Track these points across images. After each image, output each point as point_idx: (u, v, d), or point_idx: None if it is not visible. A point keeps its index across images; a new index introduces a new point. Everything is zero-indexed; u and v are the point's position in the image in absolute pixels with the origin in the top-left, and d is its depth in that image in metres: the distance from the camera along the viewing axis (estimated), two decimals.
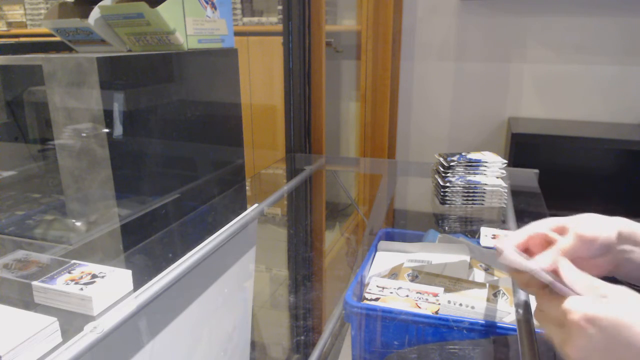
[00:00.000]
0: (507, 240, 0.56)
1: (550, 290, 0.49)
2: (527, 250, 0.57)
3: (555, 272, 0.51)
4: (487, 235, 0.95)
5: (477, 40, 2.25)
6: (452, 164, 1.13)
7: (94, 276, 0.64)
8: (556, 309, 0.47)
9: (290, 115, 1.53)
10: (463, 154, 1.18)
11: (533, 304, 0.66)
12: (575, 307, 0.45)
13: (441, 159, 1.16)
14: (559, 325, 0.47)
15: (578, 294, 0.47)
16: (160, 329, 0.69)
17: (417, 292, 0.78)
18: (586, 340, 0.44)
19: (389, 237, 1.05)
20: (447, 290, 0.78)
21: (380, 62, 2.16)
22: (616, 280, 0.52)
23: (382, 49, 2.14)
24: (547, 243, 0.56)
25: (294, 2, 1.43)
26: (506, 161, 1.15)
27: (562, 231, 0.56)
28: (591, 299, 0.46)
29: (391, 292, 0.79)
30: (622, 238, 0.56)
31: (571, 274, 0.49)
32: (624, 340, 0.43)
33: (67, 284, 0.62)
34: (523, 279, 0.54)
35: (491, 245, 0.92)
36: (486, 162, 1.13)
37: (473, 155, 1.16)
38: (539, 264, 0.51)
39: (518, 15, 2.16)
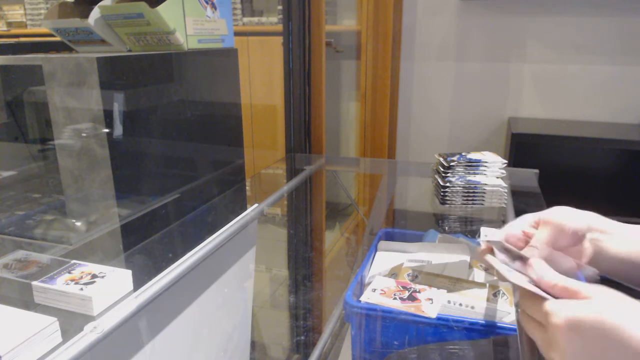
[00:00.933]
0: (493, 242, 0.57)
1: (535, 294, 0.47)
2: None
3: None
4: (487, 235, 0.95)
5: (477, 40, 2.25)
6: (452, 164, 1.13)
7: (94, 276, 0.64)
8: (538, 311, 0.46)
9: (290, 115, 1.53)
10: (463, 154, 1.18)
11: None
12: (557, 310, 0.43)
13: (441, 159, 1.16)
14: (543, 328, 0.45)
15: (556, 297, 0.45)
16: (160, 329, 0.69)
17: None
18: (571, 344, 0.42)
19: (389, 237, 1.05)
20: (447, 290, 0.78)
21: (380, 62, 2.15)
22: (609, 282, 0.51)
23: (382, 49, 2.14)
24: (527, 239, 0.58)
25: (294, 2, 1.43)
26: (506, 161, 1.15)
27: (538, 225, 0.59)
28: (574, 301, 0.44)
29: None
30: (593, 230, 0.58)
31: (547, 274, 0.48)
32: (611, 342, 0.41)
33: (67, 284, 0.62)
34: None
35: None
36: (486, 162, 1.13)
37: (473, 155, 1.16)
38: (515, 275, 0.50)
39: (518, 15, 2.16)
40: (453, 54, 2.30)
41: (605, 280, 0.53)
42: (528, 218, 0.61)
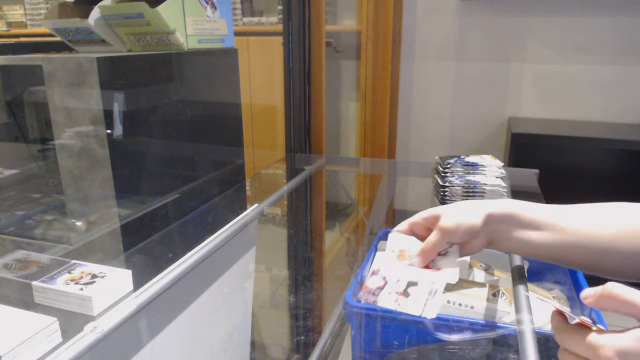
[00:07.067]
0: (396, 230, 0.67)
1: (574, 326, 0.45)
2: (415, 235, 0.67)
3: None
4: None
5: (477, 40, 2.25)
6: (448, 167, 1.13)
7: (94, 276, 0.64)
8: (582, 344, 0.44)
9: (290, 115, 1.53)
10: (461, 156, 1.17)
11: (533, 303, 0.66)
12: (606, 341, 0.42)
13: (439, 161, 1.16)
14: None
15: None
16: (160, 329, 0.69)
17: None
18: None
19: None
20: (447, 290, 0.78)
21: (380, 62, 2.15)
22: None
23: (382, 49, 2.14)
24: (428, 228, 0.65)
25: (294, 2, 1.43)
26: (502, 163, 1.15)
27: (436, 219, 0.63)
28: (623, 334, 0.42)
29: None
30: (494, 219, 0.61)
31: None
32: None
33: (67, 284, 0.62)
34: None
35: None
36: (484, 165, 1.13)
37: (471, 159, 1.16)
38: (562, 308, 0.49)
39: (518, 15, 2.16)
40: (453, 53, 2.30)
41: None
42: (426, 212, 0.66)
